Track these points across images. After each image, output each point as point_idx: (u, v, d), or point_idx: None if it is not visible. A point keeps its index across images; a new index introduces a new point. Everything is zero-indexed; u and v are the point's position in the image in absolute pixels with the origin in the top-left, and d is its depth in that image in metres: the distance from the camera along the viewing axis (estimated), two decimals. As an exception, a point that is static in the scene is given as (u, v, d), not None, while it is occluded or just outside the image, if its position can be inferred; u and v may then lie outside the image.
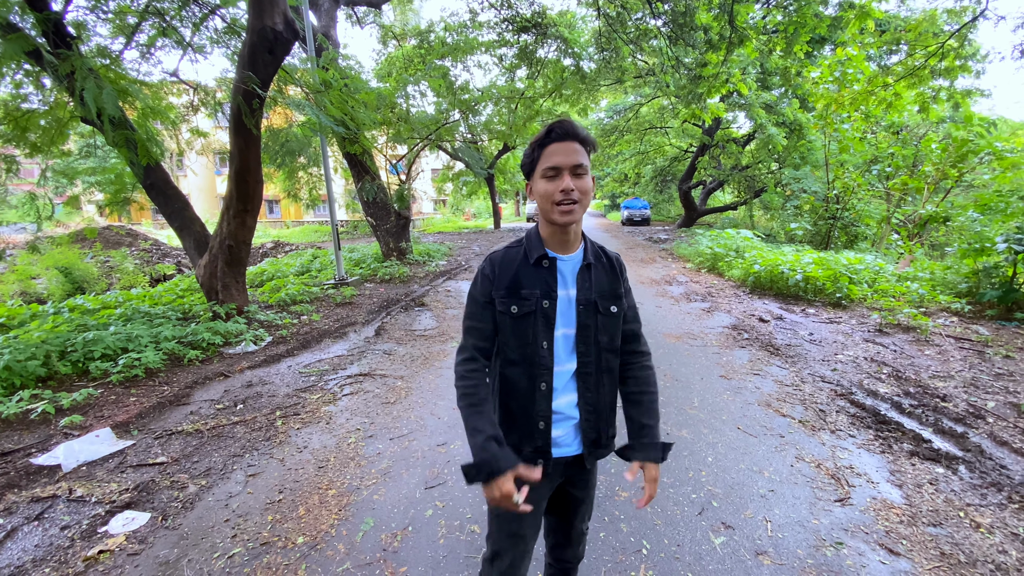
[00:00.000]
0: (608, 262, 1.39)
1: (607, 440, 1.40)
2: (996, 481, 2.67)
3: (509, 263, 1.32)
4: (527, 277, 1.30)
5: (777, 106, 16.26)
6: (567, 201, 1.21)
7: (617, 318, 1.36)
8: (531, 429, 1.32)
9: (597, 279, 1.34)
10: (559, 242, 1.31)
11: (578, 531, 1.51)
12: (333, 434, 3.46)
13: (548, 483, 1.39)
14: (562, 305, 1.31)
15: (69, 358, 4.52)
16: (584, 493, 1.46)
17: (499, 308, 1.30)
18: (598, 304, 1.32)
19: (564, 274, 1.32)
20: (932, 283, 6.98)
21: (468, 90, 12.57)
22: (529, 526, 1.39)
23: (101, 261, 12.42)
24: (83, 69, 4.48)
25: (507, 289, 1.30)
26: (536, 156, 1.25)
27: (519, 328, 1.29)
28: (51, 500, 2.69)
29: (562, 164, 1.21)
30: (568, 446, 1.36)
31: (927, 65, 8.64)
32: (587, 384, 1.34)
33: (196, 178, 27.00)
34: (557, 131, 1.22)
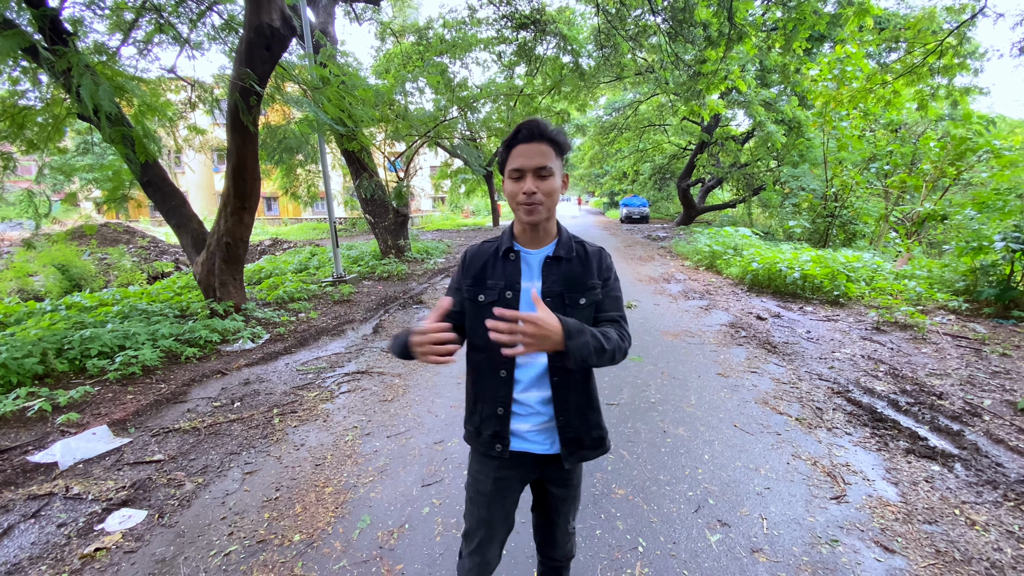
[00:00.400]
0: (584, 255, 1.38)
1: (591, 442, 1.39)
2: (991, 479, 2.68)
3: (482, 255, 1.39)
4: (494, 268, 1.36)
5: (776, 103, 16.25)
6: (528, 203, 1.24)
7: (586, 310, 1.34)
8: (491, 413, 1.36)
9: (566, 272, 1.34)
10: (529, 238, 1.36)
11: (562, 530, 1.50)
12: (330, 432, 3.46)
13: (519, 476, 1.42)
14: (527, 297, 1.32)
15: (66, 355, 4.52)
16: (565, 492, 1.45)
17: (466, 295, 1.37)
18: (565, 296, 1.32)
19: (531, 267, 1.35)
20: (930, 281, 6.99)
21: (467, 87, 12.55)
22: (496, 514, 1.42)
23: (98, 258, 12.39)
24: (79, 66, 4.45)
25: (474, 278, 1.37)
26: (505, 157, 1.28)
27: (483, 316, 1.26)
28: (47, 498, 2.69)
29: (525, 166, 1.23)
30: (540, 444, 1.37)
31: (926, 63, 8.63)
32: (560, 379, 1.34)
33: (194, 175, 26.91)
34: (524, 132, 1.24)
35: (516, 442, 1.37)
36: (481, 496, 1.42)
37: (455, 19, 13.70)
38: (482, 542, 1.43)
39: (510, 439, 1.36)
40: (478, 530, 1.43)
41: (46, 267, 10.49)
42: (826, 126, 11.53)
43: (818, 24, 8.40)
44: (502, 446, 1.36)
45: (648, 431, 3.35)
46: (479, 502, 1.42)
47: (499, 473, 1.40)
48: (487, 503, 1.41)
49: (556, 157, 1.27)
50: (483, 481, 1.42)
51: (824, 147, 12.43)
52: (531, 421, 1.36)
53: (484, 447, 1.39)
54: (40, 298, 9.41)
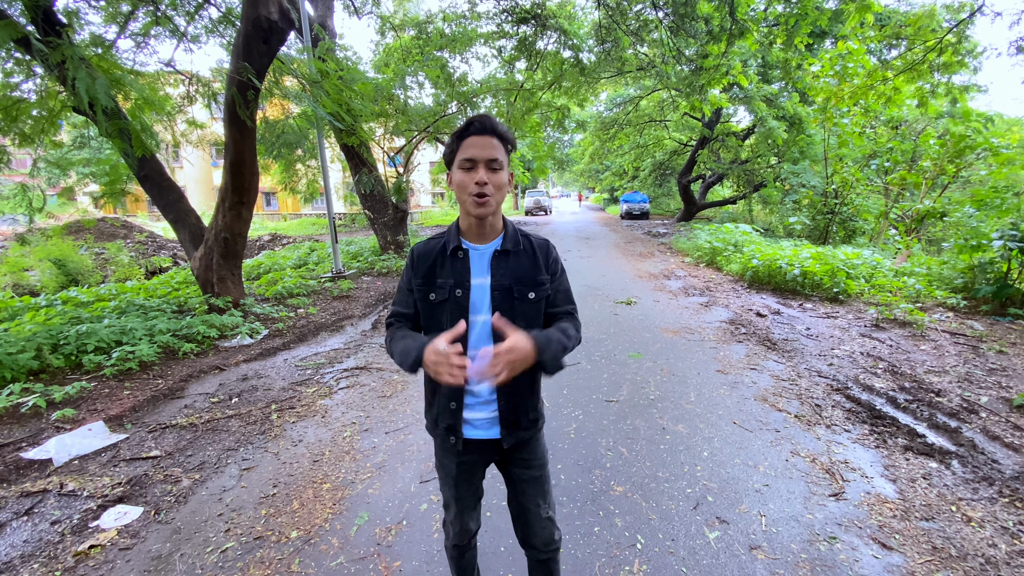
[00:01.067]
0: (531, 248, 1.42)
1: (528, 423, 1.46)
2: (988, 476, 2.68)
3: (428, 253, 1.40)
4: (442, 267, 1.37)
5: (777, 99, 16.20)
6: (480, 194, 1.26)
7: (536, 304, 1.39)
8: (444, 407, 1.42)
9: (515, 266, 1.38)
10: (476, 233, 1.37)
11: (535, 515, 1.51)
12: (328, 428, 3.45)
13: (480, 459, 1.50)
14: (477, 293, 1.36)
15: (62, 351, 4.49)
16: (527, 473, 1.50)
17: (417, 295, 1.40)
18: (514, 290, 1.36)
19: (479, 263, 1.37)
20: (928, 278, 6.98)
21: (466, 82, 12.48)
22: (463, 491, 1.52)
23: (96, 253, 12.34)
24: (74, 58, 4.41)
25: (424, 278, 1.38)
26: (455, 147, 1.30)
27: (435, 315, 1.38)
28: (41, 495, 2.68)
29: (477, 157, 1.26)
30: (488, 429, 1.43)
31: (926, 60, 8.60)
32: None
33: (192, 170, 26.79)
34: (476, 125, 1.27)
35: (468, 430, 1.43)
36: (448, 478, 1.51)
37: (455, 13, 13.60)
38: (458, 513, 1.54)
39: (463, 430, 1.42)
40: (453, 503, 1.53)
41: (42, 262, 10.44)
42: (827, 122, 11.49)
43: (820, 20, 8.37)
44: (455, 438, 1.42)
45: (647, 428, 3.35)
46: (447, 482, 1.52)
47: (460, 458, 1.47)
48: (454, 483, 1.50)
49: (505, 153, 1.31)
50: (447, 464, 1.50)
51: (825, 143, 12.40)
52: (481, 410, 1.42)
53: (440, 439, 1.47)
54: (36, 293, 9.38)
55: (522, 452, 1.49)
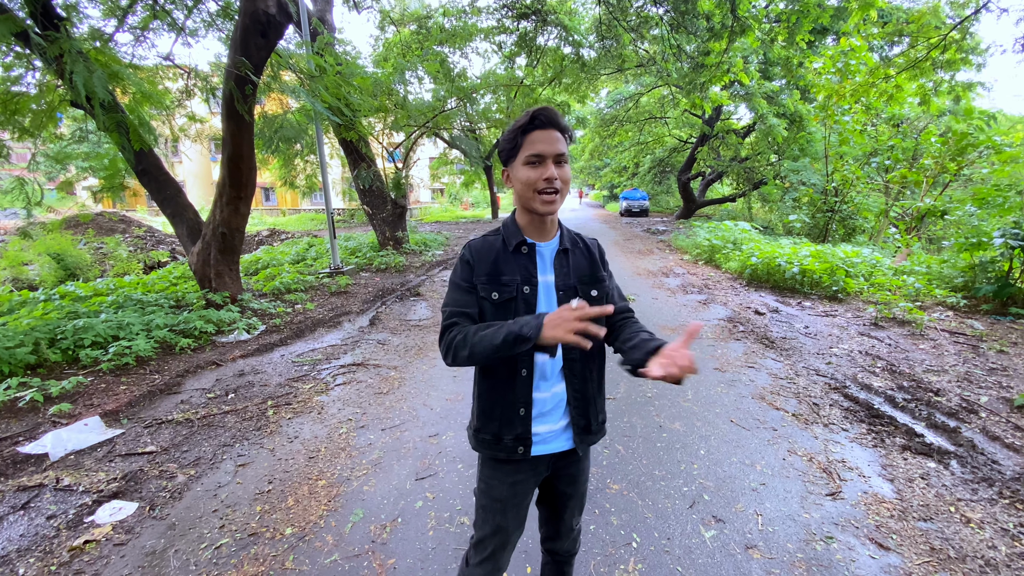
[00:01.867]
0: (585, 247, 1.38)
1: (597, 426, 1.39)
2: (987, 476, 2.67)
3: (488, 250, 1.30)
4: (507, 264, 1.28)
5: (778, 97, 16.15)
6: (550, 190, 1.20)
7: (598, 303, 1.33)
8: (511, 416, 1.30)
9: (576, 264, 1.33)
10: (536, 230, 1.30)
11: (567, 526, 1.49)
12: (325, 424, 3.44)
13: (534, 477, 1.38)
14: (543, 292, 1.29)
15: (59, 345, 4.48)
16: (573, 489, 1.45)
17: (481, 294, 1.28)
18: (578, 289, 1.31)
19: (544, 261, 1.31)
20: (928, 277, 6.97)
21: (466, 77, 12.43)
22: (512, 519, 1.37)
23: (94, 248, 12.32)
24: (72, 52, 4.38)
25: (488, 275, 1.28)
26: (519, 142, 1.22)
27: (500, 315, 1.27)
28: (37, 489, 2.67)
29: (546, 152, 1.19)
30: (554, 441, 1.34)
31: (929, 57, 8.56)
32: (572, 370, 1.33)
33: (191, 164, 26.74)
34: (541, 118, 1.20)
35: (537, 444, 1.33)
36: (496, 503, 1.36)
37: (455, 8, 13.55)
38: (496, 549, 1.38)
39: (532, 440, 1.31)
40: (493, 537, 1.37)
41: (41, 256, 10.42)
42: (828, 120, 11.45)
43: (821, 17, 8.33)
44: (524, 448, 1.30)
45: (644, 426, 3.34)
46: (494, 509, 1.36)
47: (515, 477, 1.35)
48: (503, 509, 1.35)
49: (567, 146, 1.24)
50: (497, 487, 1.36)
51: (825, 141, 12.37)
52: (547, 421, 1.33)
53: (506, 452, 1.32)
54: (34, 287, 9.36)
55: (573, 467, 1.41)
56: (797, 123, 15.95)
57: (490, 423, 1.33)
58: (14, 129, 5.62)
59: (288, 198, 30.71)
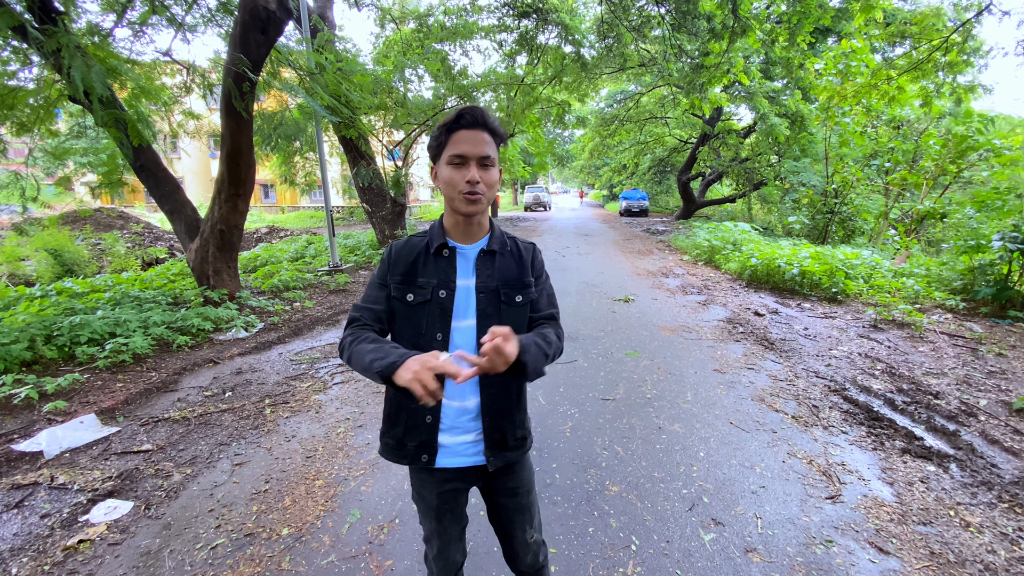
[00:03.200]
0: (517, 251, 1.35)
1: (515, 442, 1.35)
2: (987, 480, 2.66)
3: (410, 251, 1.29)
4: (425, 266, 1.27)
5: (779, 97, 16.13)
6: (472, 192, 1.18)
7: (523, 308, 1.32)
8: (416, 423, 1.28)
9: (501, 267, 1.30)
10: (463, 232, 1.28)
11: (521, 541, 1.44)
12: (322, 423, 3.42)
13: (463, 485, 1.37)
14: (461, 296, 1.27)
15: (55, 342, 4.45)
16: (513, 502, 1.40)
17: (393, 294, 1.27)
18: (500, 292, 1.28)
19: (466, 264, 1.29)
20: (928, 279, 6.97)
21: (467, 75, 12.39)
22: (447, 522, 1.38)
23: (92, 244, 12.28)
24: (70, 47, 4.35)
25: (403, 276, 1.27)
26: (443, 140, 1.20)
27: (413, 317, 1.26)
28: (32, 487, 2.65)
29: (468, 153, 1.17)
30: (467, 454, 1.31)
31: (931, 59, 8.55)
32: (489, 380, 1.27)
33: (190, 161, 26.64)
34: (467, 118, 1.18)
35: (445, 455, 1.30)
36: (430, 510, 1.37)
37: (456, 6, 13.50)
38: (441, 548, 1.40)
39: (438, 449, 1.29)
40: (436, 537, 1.40)
41: (38, 252, 10.38)
42: (829, 121, 11.44)
43: (823, 18, 8.31)
44: (428, 456, 1.28)
45: (643, 427, 3.32)
46: (429, 515, 1.38)
47: (442, 487, 1.34)
48: (437, 516, 1.36)
49: (496, 149, 1.23)
50: (428, 496, 1.36)
51: (826, 142, 12.35)
52: (461, 432, 1.30)
53: (408, 459, 1.30)
54: (31, 283, 9.32)
55: (507, 478, 1.38)
56: (799, 123, 15.93)
57: (394, 428, 1.32)
58: (12, 124, 5.60)
59: (287, 195, 30.62)
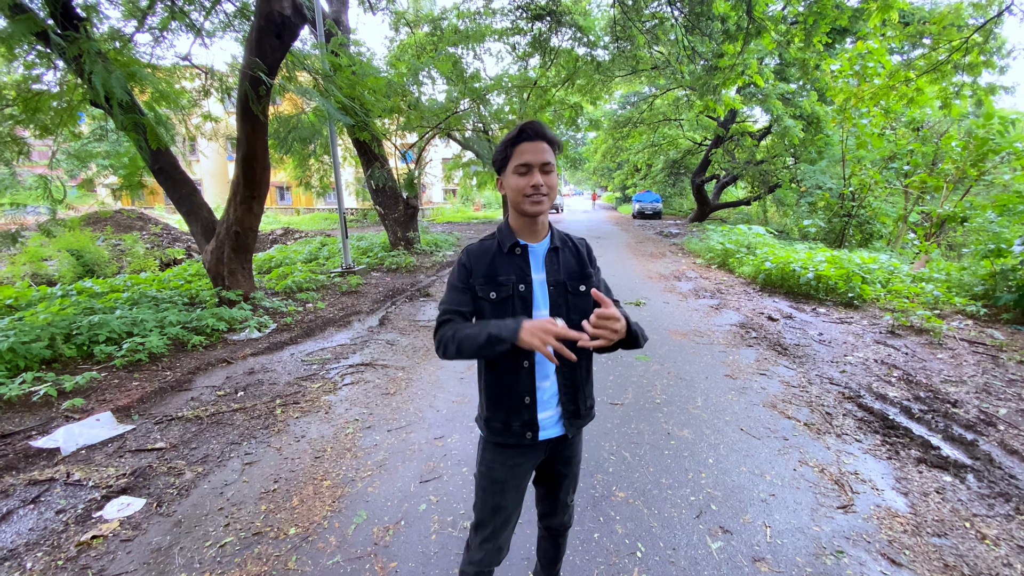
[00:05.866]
0: (574, 246, 1.50)
1: (585, 411, 1.51)
2: (1004, 491, 2.59)
3: (484, 253, 1.42)
4: (502, 265, 1.40)
5: (795, 99, 15.92)
6: (537, 195, 1.32)
7: (586, 296, 1.45)
8: (517, 405, 1.42)
9: (565, 261, 1.45)
10: (529, 232, 1.42)
11: (563, 503, 1.63)
12: (331, 424, 3.45)
13: (533, 460, 1.50)
14: (537, 288, 1.41)
15: (74, 341, 4.56)
16: (568, 469, 1.58)
17: (479, 294, 1.40)
18: (567, 284, 1.43)
19: (537, 260, 1.43)
20: (947, 285, 6.82)
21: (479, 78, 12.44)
22: (510, 500, 1.49)
23: (112, 244, 12.54)
24: (91, 52, 4.45)
25: (484, 277, 1.40)
26: (508, 153, 1.35)
27: (499, 312, 1.39)
28: (48, 483, 2.71)
29: (532, 161, 1.31)
30: (552, 428, 1.46)
31: (950, 60, 8.37)
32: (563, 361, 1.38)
33: (208, 163, 27.12)
34: (528, 131, 1.32)
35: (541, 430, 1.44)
36: (496, 484, 1.47)
37: (469, 9, 13.57)
38: (496, 529, 1.50)
39: (540, 426, 1.43)
40: (493, 518, 1.49)
41: (60, 252, 10.63)
42: (845, 123, 11.27)
43: (840, 19, 8.19)
44: (532, 433, 1.42)
45: (652, 432, 3.30)
46: (494, 490, 1.48)
47: (515, 460, 1.47)
48: (502, 490, 1.47)
49: (554, 156, 1.36)
50: (498, 469, 1.47)
51: (843, 144, 12.17)
52: (547, 408, 1.44)
53: (515, 438, 1.43)
54: (53, 283, 9.54)
55: (568, 449, 1.54)
56: (814, 125, 15.71)
57: (499, 412, 1.44)
58: (35, 127, 5.74)
59: (303, 197, 30.98)
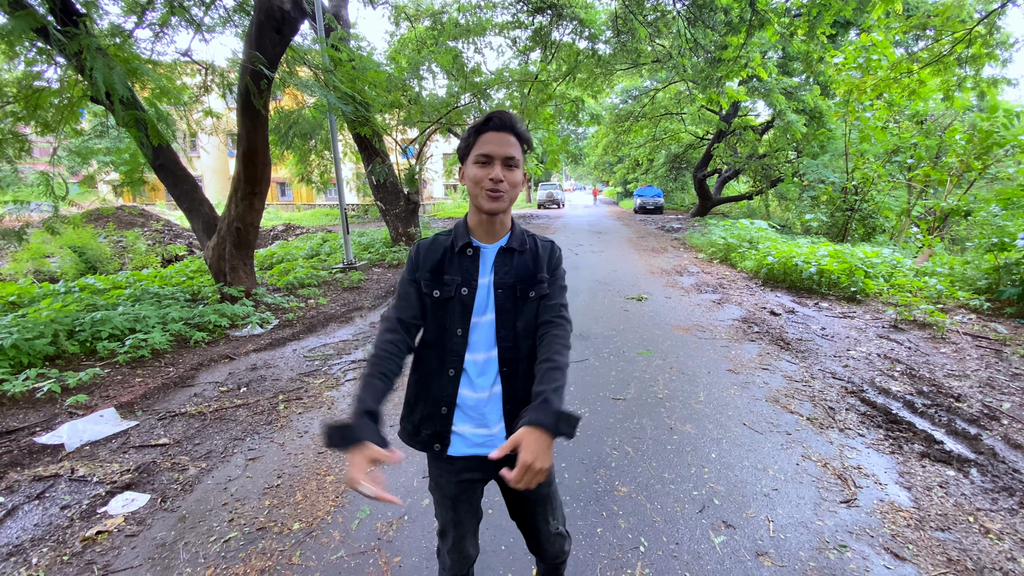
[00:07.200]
0: (534, 248, 1.39)
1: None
2: (1008, 485, 2.59)
3: (436, 249, 1.35)
4: (450, 264, 1.33)
5: (797, 92, 15.84)
6: (495, 190, 1.23)
7: (535, 303, 1.35)
8: (433, 412, 1.34)
9: (519, 264, 1.34)
10: (486, 231, 1.34)
11: (545, 534, 1.47)
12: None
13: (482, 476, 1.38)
14: (483, 293, 1.32)
15: (77, 337, 4.57)
16: (534, 493, 1.40)
17: (423, 290, 1.33)
18: (516, 289, 1.33)
19: (487, 262, 1.34)
20: (951, 279, 6.79)
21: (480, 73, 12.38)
22: (463, 513, 1.40)
23: (114, 241, 12.55)
24: (91, 48, 4.44)
25: (431, 273, 1.32)
26: (472, 141, 1.27)
27: (438, 312, 1.33)
28: (53, 479, 2.72)
29: (494, 153, 1.23)
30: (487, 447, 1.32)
31: (954, 52, 8.31)
32: (510, 370, 1.34)
33: (209, 159, 27.09)
34: (495, 121, 1.24)
35: (463, 444, 1.33)
36: (446, 499, 1.39)
37: (470, 3, 13.50)
38: (456, 540, 1.42)
39: (451, 439, 1.33)
40: (451, 529, 1.42)
41: (63, 249, 10.65)
42: (849, 116, 11.20)
43: (844, 10, 8.13)
44: (441, 446, 1.33)
45: (654, 427, 3.30)
46: (445, 505, 1.40)
47: (461, 476, 1.36)
48: (453, 506, 1.39)
49: (521, 152, 1.29)
50: (445, 485, 1.38)
51: (846, 138, 12.10)
52: (479, 423, 1.33)
53: (422, 445, 1.36)
54: (55, 279, 9.57)
55: None
56: (817, 119, 15.64)
57: (411, 415, 1.38)
58: (37, 123, 5.73)
59: (303, 193, 30.97)
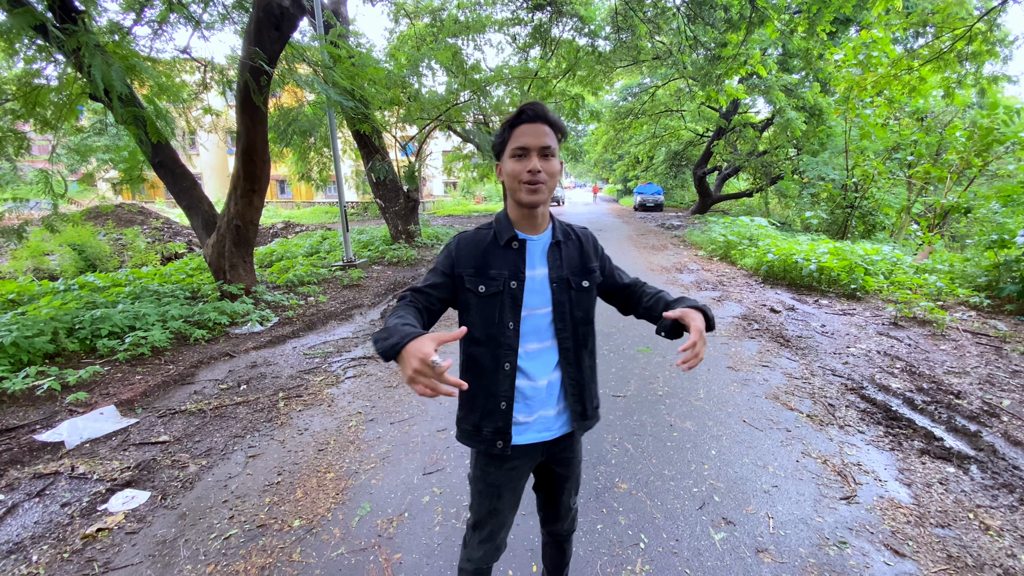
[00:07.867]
0: (577, 238, 1.42)
1: (592, 411, 1.44)
2: (1008, 482, 2.59)
3: (478, 243, 1.33)
4: (496, 258, 1.31)
5: (797, 89, 15.81)
6: (534, 181, 1.22)
7: (589, 292, 1.39)
8: (492, 408, 1.33)
9: (567, 256, 1.37)
10: (528, 224, 1.33)
11: (565, 507, 1.55)
12: (334, 417, 3.46)
13: (529, 463, 1.43)
14: (532, 285, 1.32)
15: (77, 335, 4.56)
16: (568, 471, 1.49)
17: (467, 286, 1.31)
18: (570, 280, 1.35)
19: (533, 254, 1.34)
20: (951, 276, 6.79)
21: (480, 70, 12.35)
22: (506, 502, 1.43)
23: (113, 239, 12.53)
24: (90, 45, 4.42)
25: (475, 268, 1.30)
26: (506, 136, 1.26)
27: (485, 308, 1.30)
28: (53, 477, 2.72)
29: (530, 145, 1.22)
30: (547, 430, 1.38)
31: (954, 49, 8.29)
32: (568, 359, 1.37)
33: (209, 157, 27.02)
34: (528, 113, 1.23)
35: (522, 433, 1.35)
36: (492, 488, 1.40)
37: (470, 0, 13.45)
38: (493, 531, 1.45)
39: (512, 433, 1.34)
40: (490, 520, 1.43)
41: (62, 247, 10.63)
42: (849, 113, 11.18)
43: (844, 7, 8.10)
44: (503, 442, 1.33)
45: (654, 424, 3.30)
46: (490, 494, 1.41)
47: (511, 463, 1.39)
48: (498, 494, 1.41)
49: (556, 141, 1.27)
50: (493, 473, 1.40)
51: (846, 135, 12.09)
52: (537, 409, 1.35)
53: (485, 445, 1.35)
54: (55, 277, 9.56)
55: (567, 451, 1.45)
56: (817, 116, 15.61)
57: (470, 415, 1.37)
58: (36, 121, 5.71)
59: (303, 191, 30.91)
